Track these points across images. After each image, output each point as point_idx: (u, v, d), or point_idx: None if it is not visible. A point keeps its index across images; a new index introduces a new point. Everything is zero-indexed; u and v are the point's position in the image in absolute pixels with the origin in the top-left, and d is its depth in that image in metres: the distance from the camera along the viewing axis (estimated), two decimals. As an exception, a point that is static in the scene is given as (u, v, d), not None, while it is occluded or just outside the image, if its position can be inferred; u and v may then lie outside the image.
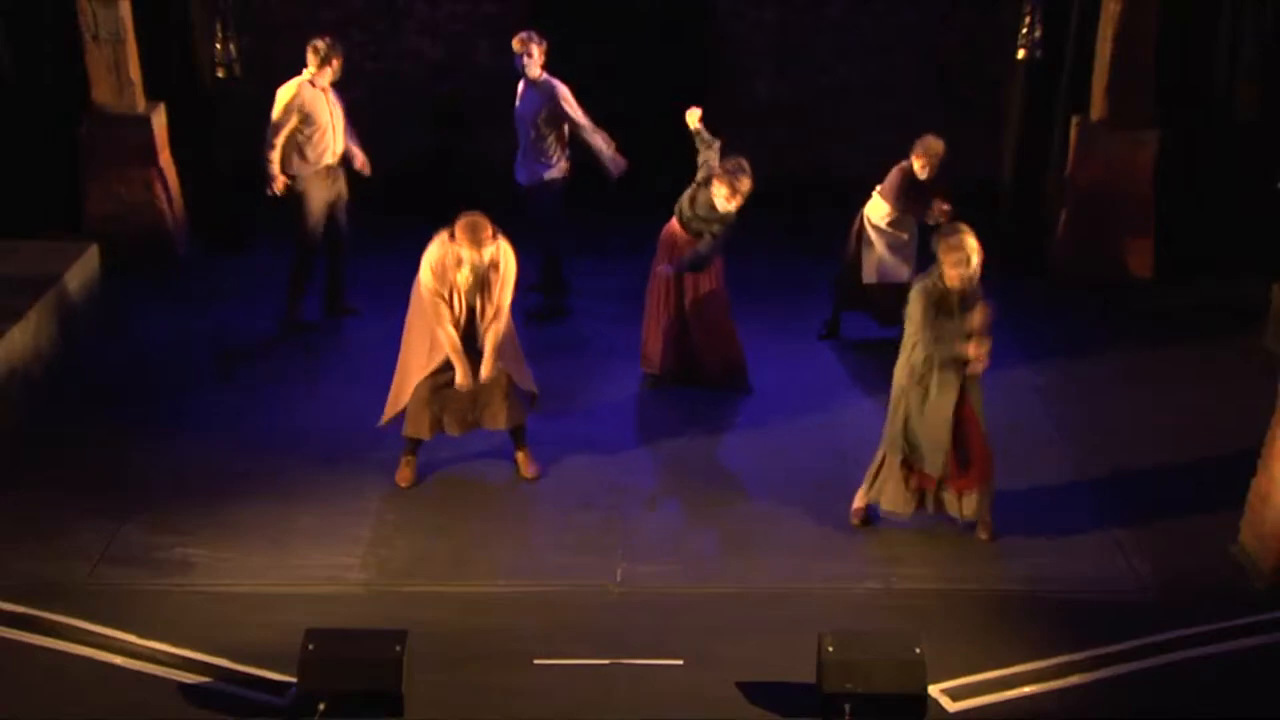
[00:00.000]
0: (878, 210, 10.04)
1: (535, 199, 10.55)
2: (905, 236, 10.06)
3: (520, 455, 8.75)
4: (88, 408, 9.46)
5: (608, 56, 12.62)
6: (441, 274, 8.18)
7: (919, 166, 9.84)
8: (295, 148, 10.19)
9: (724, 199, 9.09)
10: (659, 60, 12.67)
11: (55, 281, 9.99)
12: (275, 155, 10.09)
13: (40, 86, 11.41)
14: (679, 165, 9.69)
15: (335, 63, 10.20)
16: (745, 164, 9.14)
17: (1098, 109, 11.14)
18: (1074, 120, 11.36)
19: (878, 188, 10.06)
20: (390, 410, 8.55)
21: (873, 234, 10.08)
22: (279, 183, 10.17)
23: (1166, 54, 11.11)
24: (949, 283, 7.59)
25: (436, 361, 8.35)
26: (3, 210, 11.11)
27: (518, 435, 8.70)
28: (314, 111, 10.15)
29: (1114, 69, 10.96)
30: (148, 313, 10.79)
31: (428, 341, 8.37)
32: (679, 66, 12.60)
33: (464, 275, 8.17)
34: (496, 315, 8.31)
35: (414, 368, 8.44)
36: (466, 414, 8.48)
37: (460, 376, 8.28)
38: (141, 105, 11.26)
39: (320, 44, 10.15)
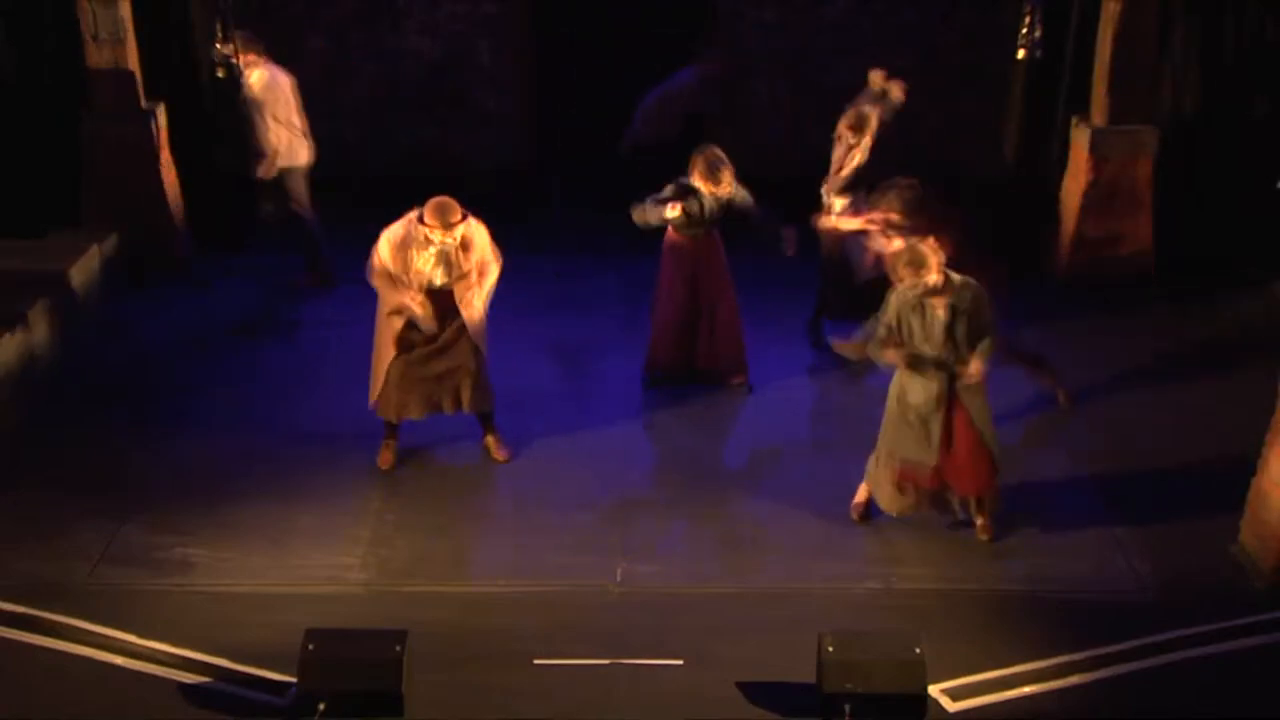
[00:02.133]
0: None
1: None
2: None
3: (489, 439, 8.85)
4: (88, 408, 9.46)
5: (607, 57, 12.63)
6: (400, 248, 8.24)
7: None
8: None
9: (710, 193, 9.19)
10: (658, 60, 12.67)
11: (55, 281, 9.99)
12: None
13: (40, 86, 11.40)
14: (674, 164, 9.68)
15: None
16: (718, 153, 9.21)
17: (1098, 109, 11.14)
18: (1074, 120, 11.36)
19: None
20: (373, 392, 8.64)
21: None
22: None
23: (1168, 53, 11.14)
24: (911, 285, 7.65)
25: (399, 327, 8.41)
26: (3, 210, 11.11)
27: (486, 420, 8.81)
28: None
29: (1114, 69, 10.96)
30: (148, 312, 10.80)
31: (394, 317, 8.44)
32: (678, 66, 12.60)
33: (427, 257, 8.24)
34: (482, 271, 8.39)
35: (384, 344, 8.52)
36: (432, 395, 8.58)
37: (424, 321, 8.33)
38: (141, 105, 11.25)
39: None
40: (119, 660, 7.04)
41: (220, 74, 10.81)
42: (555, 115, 12.99)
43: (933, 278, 7.59)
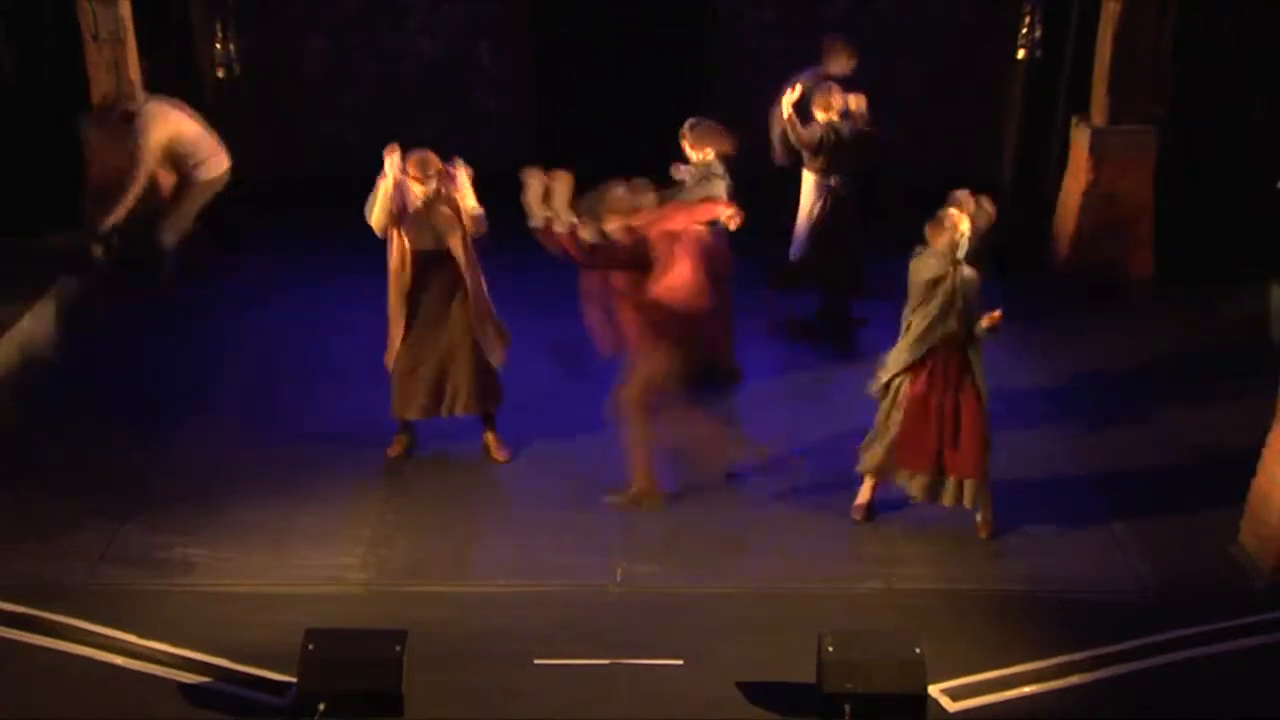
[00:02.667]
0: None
1: None
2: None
3: (489, 437, 8.89)
4: (88, 408, 9.45)
5: (607, 57, 12.64)
6: (396, 192, 8.29)
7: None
8: None
9: (704, 157, 9.33)
10: (658, 60, 12.69)
11: (55, 282, 9.99)
12: None
13: (40, 86, 11.40)
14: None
15: None
16: (709, 122, 9.37)
17: (1098, 109, 11.14)
18: (1074, 120, 11.37)
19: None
20: (389, 357, 8.66)
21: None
22: None
23: (1168, 53, 11.16)
24: (939, 259, 7.66)
25: (408, 284, 8.47)
26: (3, 210, 11.11)
27: (488, 419, 8.85)
28: None
29: (1114, 69, 10.96)
30: (147, 313, 10.79)
31: (401, 301, 8.50)
32: (678, 66, 12.62)
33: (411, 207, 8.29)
34: (466, 215, 8.39)
35: (395, 305, 8.55)
36: (430, 402, 8.62)
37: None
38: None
39: None
40: (119, 660, 7.04)
41: (220, 74, 10.82)
42: (555, 115, 12.99)
43: (961, 231, 7.64)
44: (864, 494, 8.23)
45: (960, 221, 7.70)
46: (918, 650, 6.56)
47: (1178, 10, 11.19)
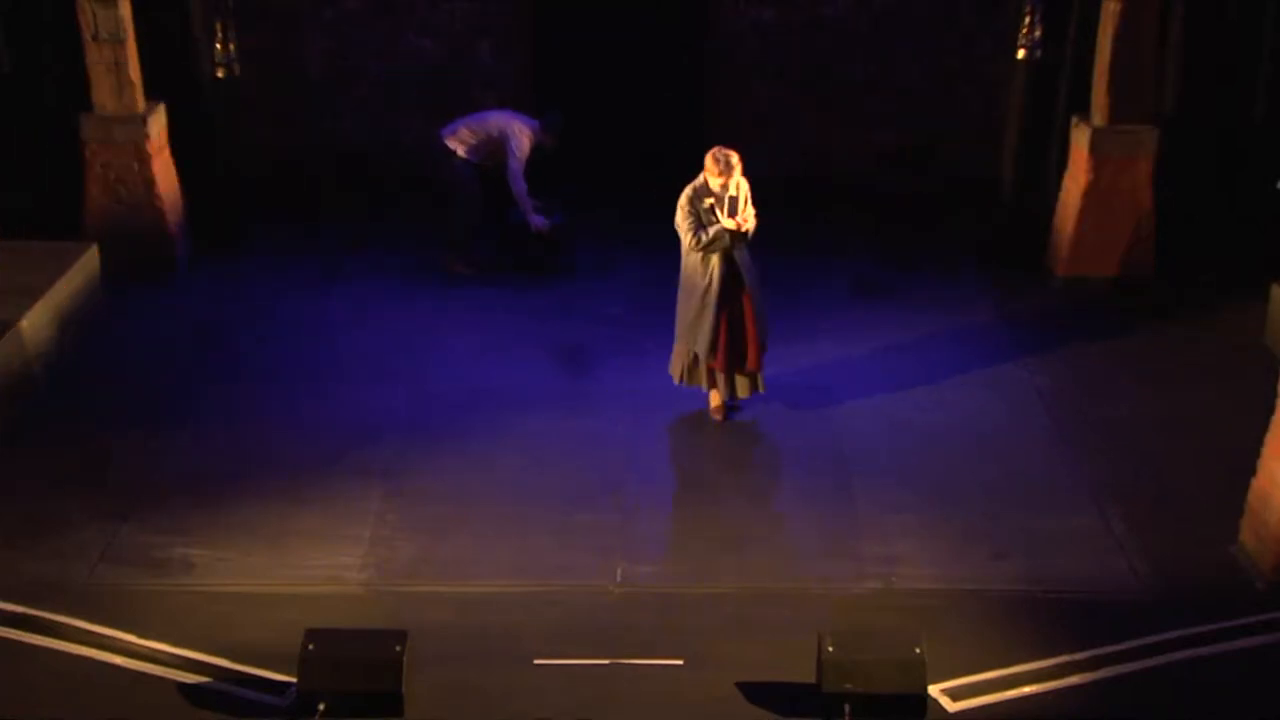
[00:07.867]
0: None
1: None
2: None
3: None
4: (88, 408, 9.46)
5: (608, 56, 12.64)
6: None
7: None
8: None
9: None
10: (658, 59, 12.70)
11: (55, 282, 9.99)
12: None
13: (40, 87, 11.40)
14: (674, 163, 9.68)
15: None
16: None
17: (1098, 109, 11.15)
18: (1074, 120, 11.37)
19: None
20: None
21: None
22: None
23: (1168, 53, 11.16)
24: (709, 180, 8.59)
25: None
26: (2, 211, 11.11)
27: None
28: None
29: (1114, 69, 10.97)
30: (147, 312, 10.80)
31: None
32: (678, 66, 12.63)
33: None
34: None
35: None
36: None
37: None
38: (141, 105, 11.25)
39: None
40: (119, 660, 7.04)
41: (220, 74, 10.82)
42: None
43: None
44: (715, 397, 9.13)
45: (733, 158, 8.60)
46: (918, 650, 6.56)
47: (1184, 9, 11.20)
